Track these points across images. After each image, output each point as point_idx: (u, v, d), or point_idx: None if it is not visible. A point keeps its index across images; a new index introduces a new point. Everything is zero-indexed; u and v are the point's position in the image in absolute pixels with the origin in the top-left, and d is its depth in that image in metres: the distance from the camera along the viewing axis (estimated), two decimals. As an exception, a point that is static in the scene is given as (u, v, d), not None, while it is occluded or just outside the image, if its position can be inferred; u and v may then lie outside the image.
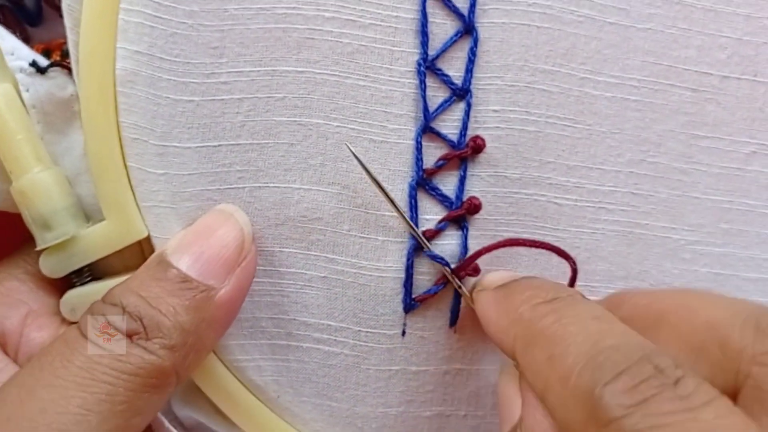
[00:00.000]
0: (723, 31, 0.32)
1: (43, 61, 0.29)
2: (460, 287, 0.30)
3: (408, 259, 0.31)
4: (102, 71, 0.27)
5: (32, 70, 0.29)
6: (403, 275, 0.31)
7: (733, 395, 0.22)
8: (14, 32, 0.34)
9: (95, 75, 0.27)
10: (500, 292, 0.27)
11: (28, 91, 0.28)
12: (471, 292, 0.30)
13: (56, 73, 0.29)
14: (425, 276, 0.31)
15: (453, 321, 0.31)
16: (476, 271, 0.31)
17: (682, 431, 0.19)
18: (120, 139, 0.28)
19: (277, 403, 0.30)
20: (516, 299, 0.26)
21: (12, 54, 0.28)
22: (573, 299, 0.25)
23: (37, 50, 0.33)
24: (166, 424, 0.30)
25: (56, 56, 0.33)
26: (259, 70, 0.29)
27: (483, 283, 0.28)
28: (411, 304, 0.31)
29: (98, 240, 0.28)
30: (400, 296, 0.31)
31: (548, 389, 0.23)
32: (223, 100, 0.29)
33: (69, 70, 0.29)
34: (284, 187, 0.30)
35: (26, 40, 0.34)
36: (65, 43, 0.34)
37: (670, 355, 0.22)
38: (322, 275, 0.30)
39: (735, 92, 0.32)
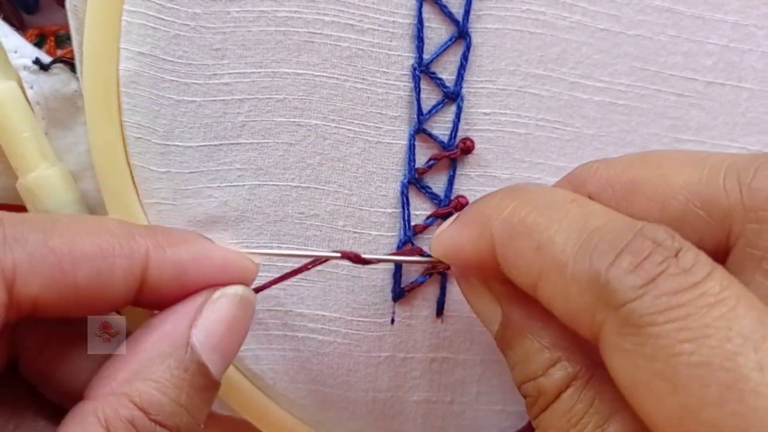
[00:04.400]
0: (710, 38, 0.33)
1: (46, 58, 0.30)
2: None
3: (397, 250, 0.32)
4: (105, 72, 0.28)
5: (35, 67, 0.29)
6: (392, 267, 0.32)
7: (723, 257, 0.22)
8: (10, 20, 0.35)
9: (99, 75, 0.28)
10: (459, 218, 0.26)
11: (32, 88, 0.29)
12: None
13: (59, 69, 0.30)
14: (413, 267, 0.32)
15: (439, 311, 0.33)
16: None
17: (698, 308, 0.19)
18: (123, 137, 0.29)
19: (273, 389, 0.32)
20: (478, 210, 0.25)
21: (15, 52, 0.29)
22: (535, 186, 0.25)
23: (31, 36, 0.34)
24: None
25: (51, 42, 0.34)
26: (259, 72, 0.29)
27: (439, 229, 0.27)
28: (399, 292, 0.32)
29: (103, 236, 0.29)
30: (390, 286, 0.33)
31: (543, 280, 0.22)
32: (224, 100, 0.29)
33: (71, 65, 0.30)
34: (283, 186, 0.31)
35: (22, 27, 0.35)
36: (60, 29, 0.34)
37: (664, 227, 0.21)
38: (318, 269, 0.32)
39: (719, 97, 0.33)
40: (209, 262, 0.26)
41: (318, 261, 0.29)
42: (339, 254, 0.29)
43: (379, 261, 0.30)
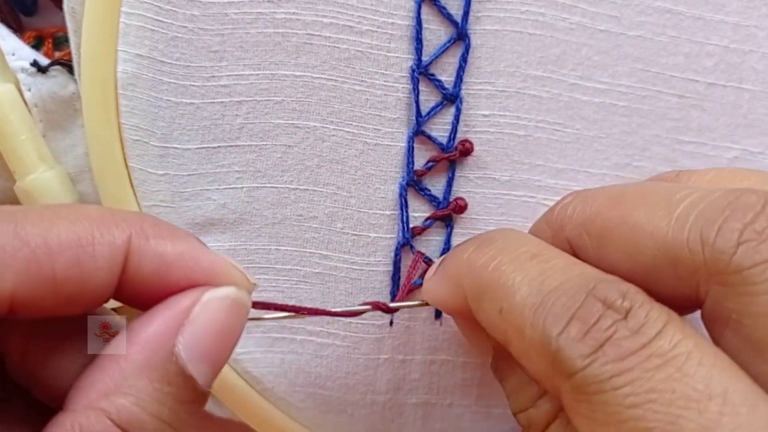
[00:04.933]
0: (711, 39, 0.32)
1: (44, 61, 0.30)
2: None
3: (396, 254, 0.32)
4: (103, 74, 0.28)
5: (33, 69, 0.29)
6: (391, 268, 0.32)
7: (695, 304, 0.22)
8: (8, 22, 0.35)
9: (97, 77, 0.28)
10: (439, 268, 0.27)
11: (30, 90, 0.29)
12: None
13: (57, 71, 0.30)
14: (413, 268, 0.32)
15: (438, 313, 0.33)
16: None
17: (643, 371, 0.19)
18: (121, 140, 0.29)
19: (271, 392, 0.32)
20: (452, 263, 0.26)
21: (13, 54, 0.29)
22: (503, 237, 0.25)
23: (29, 38, 0.34)
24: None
25: (49, 44, 0.34)
26: (258, 74, 0.29)
27: (427, 276, 0.28)
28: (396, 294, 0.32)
29: (101, 238, 0.29)
30: (389, 288, 0.32)
31: (508, 342, 0.23)
32: (222, 102, 0.29)
33: (69, 67, 0.30)
34: (281, 188, 0.31)
35: (20, 29, 0.35)
36: (58, 30, 0.34)
37: (614, 280, 0.21)
38: (316, 271, 0.32)
39: (720, 99, 0.33)
40: (196, 261, 0.23)
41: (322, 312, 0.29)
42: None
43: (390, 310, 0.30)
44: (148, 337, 0.22)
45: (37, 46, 0.34)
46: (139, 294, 0.23)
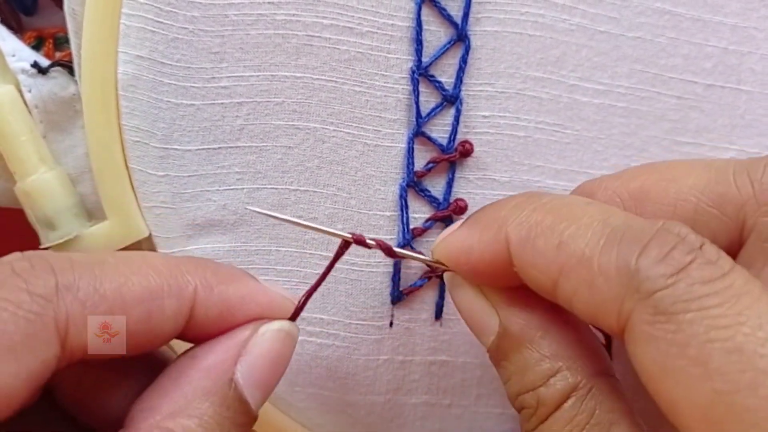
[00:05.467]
0: (709, 41, 0.33)
1: (44, 62, 0.29)
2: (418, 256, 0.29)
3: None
4: (104, 75, 0.28)
5: (34, 70, 0.29)
6: (391, 269, 0.32)
7: (735, 254, 0.22)
8: (8, 21, 0.35)
9: (97, 79, 0.28)
10: (468, 222, 0.26)
11: (30, 91, 0.29)
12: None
13: (57, 73, 0.30)
14: (412, 270, 0.32)
15: (438, 314, 0.33)
16: None
17: (729, 296, 0.19)
18: (122, 141, 0.29)
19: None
20: (491, 212, 0.25)
21: (14, 55, 0.29)
22: (549, 194, 0.25)
23: (29, 38, 0.34)
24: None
25: (49, 44, 0.34)
26: (258, 75, 0.29)
27: (438, 240, 0.27)
28: (398, 295, 0.32)
29: (101, 239, 0.29)
30: (389, 289, 0.32)
31: (566, 274, 0.22)
32: (222, 104, 0.29)
33: (70, 68, 0.30)
34: (282, 189, 0.31)
35: (20, 29, 0.35)
36: (58, 31, 0.34)
37: (681, 223, 0.21)
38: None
39: (718, 100, 0.33)
40: (255, 302, 0.26)
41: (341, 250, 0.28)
42: (373, 242, 0.28)
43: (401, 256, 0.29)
44: (210, 365, 0.24)
45: (37, 46, 0.34)
46: (204, 334, 0.25)
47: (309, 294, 0.27)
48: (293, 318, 0.27)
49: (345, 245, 0.28)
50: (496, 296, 0.26)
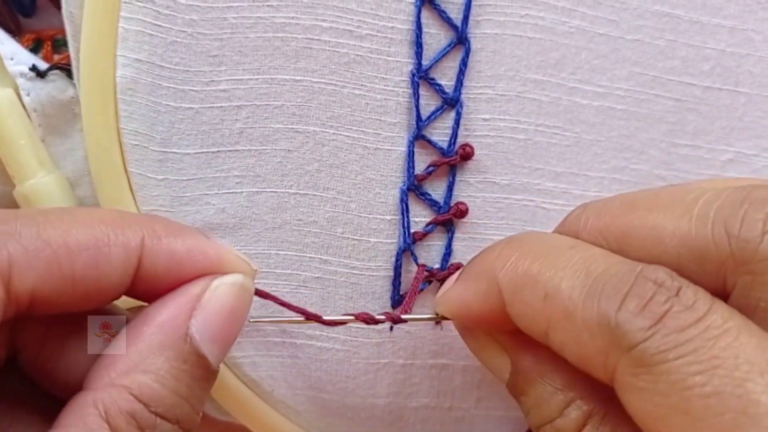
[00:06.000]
0: (708, 43, 0.33)
1: (42, 65, 0.29)
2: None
3: (397, 260, 0.32)
4: (102, 79, 0.28)
5: (32, 74, 0.29)
6: (392, 274, 0.32)
7: (723, 298, 0.22)
8: (6, 23, 0.34)
9: (96, 82, 0.28)
10: (461, 276, 0.27)
11: (29, 95, 0.29)
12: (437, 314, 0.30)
13: (56, 76, 0.29)
14: (412, 274, 0.32)
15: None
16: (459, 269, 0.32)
17: (704, 341, 0.20)
18: (120, 144, 0.29)
19: (271, 396, 0.32)
20: (479, 265, 0.26)
21: (12, 59, 0.29)
22: (533, 235, 0.25)
23: (28, 40, 0.34)
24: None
25: (48, 47, 0.34)
26: (257, 78, 0.29)
27: (438, 295, 0.28)
28: (398, 299, 0.32)
29: (100, 243, 0.29)
30: (389, 293, 0.32)
31: (553, 328, 0.23)
32: (221, 107, 0.29)
33: (68, 71, 0.30)
34: (281, 192, 0.30)
35: (19, 30, 0.35)
36: (56, 33, 0.34)
37: (657, 266, 0.22)
38: (316, 276, 0.32)
39: (716, 102, 0.33)
40: (204, 255, 0.25)
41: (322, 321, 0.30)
42: (352, 317, 0.30)
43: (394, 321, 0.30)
44: (164, 321, 0.24)
45: (35, 48, 0.33)
46: (153, 289, 0.25)
47: (282, 303, 0.28)
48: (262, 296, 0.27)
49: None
50: (504, 337, 0.26)
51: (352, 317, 0.30)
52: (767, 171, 0.34)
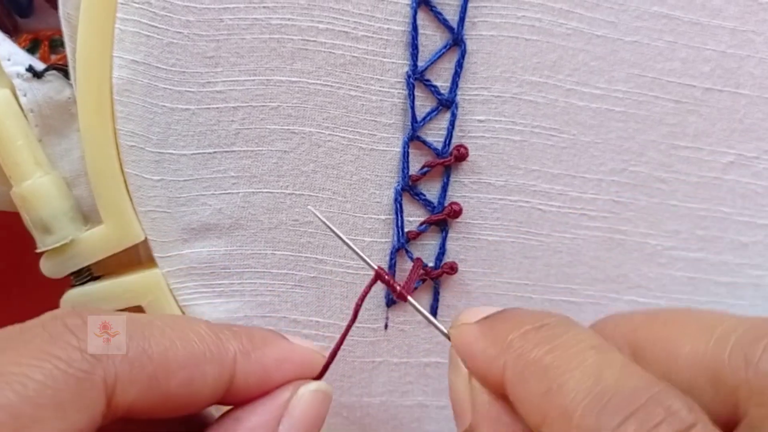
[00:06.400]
0: (708, 44, 0.32)
1: (39, 66, 0.30)
2: (435, 325, 0.28)
3: (391, 258, 0.32)
4: (99, 80, 0.28)
5: (29, 74, 0.29)
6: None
7: (731, 425, 0.22)
8: (3, 23, 0.35)
9: (92, 84, 0.28)
10: (485, 323, 0.25)
11: (25, 95, 0.29)
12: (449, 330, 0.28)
13: (53, 76, 0.30)
14: (406, 274, 0.32)
15: (433, 316, 0.33)
16: (453, 269, 0.32)
17: None
18: (117, 146, 0.29)
19: (267, 395, 0.32)
20: (503, 328, 0.24)
21: (9, 59, 0.29)
22: (563, 324, 0.24)
23: (25, 40, 0.34)
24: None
25: (45, 47, 0.34)
26: (253, 80, 0.29)
27: (462, 318, 0.27)
28: (392, 299, 0.33)
29: (97, 243, 0.29)
30: (384, 292, 0.33)
31: (547, 424, 0.22)
32: (218, 108, 0.29)
33: (65, 72, 0.30)
34: (277, 193, 0.31)
35: (16, 30, 0.35)
36: (54, 33, 0.34)
37: (678, 391, 0.20)
38: (312, 275, 0.32)
39: (716, 104, 0.33)
40: (290, 362, 0.27)
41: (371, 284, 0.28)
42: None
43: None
44: (254, 426, 0.25)
45: (33, 49, 0.34)
46: (243, 397, 0.26)
47: (334, 352, 0.28)
48: (321, 375, 0.28)
49: (373, 280, 0.28)
50: (481, 395, 0.25)
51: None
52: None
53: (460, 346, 0.26)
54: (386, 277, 0.28)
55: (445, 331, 0.26)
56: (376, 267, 0.27)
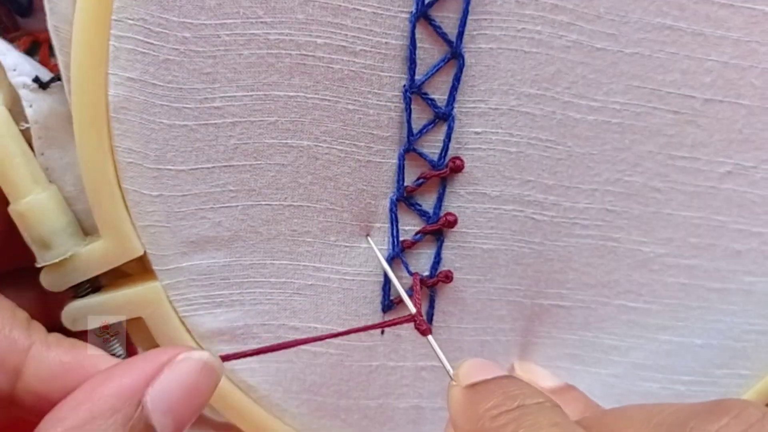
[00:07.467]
0: (710, 55, 0.32)
1: (45, 76, 0.29)
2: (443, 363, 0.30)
3: (387, 265, 0.33)
4: (94, 98, 0.28)
5: (35, 85, 0.29)
6: (382, 279, 0.33)
7: None
8: (3, 23, 0.34)
9: (87, 102, 0.28)
10: (469, 394, 0.26)
11: (31, 106, 0.29)
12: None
13: (58, 87, 0.29)
14: (401, 280, 0.33)
15: (428, 322, 0.34)
16: (448, 278, 0.33)
17: None
18: (114, 162, 0.29)
19: (267, 400, 0.33)
20: (481, 406, 0.25)
21: (14, 70, 0.29)
22: (537, 408, 0.24)
23: (25, 42, 0.34)
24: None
25: (44, 49, 0.34)
26: (251, 95, 0.29)
27: (458, 375, 0.27)
28: (389, 304, 0.33)
29: (96, 258, 0.29)
30: (380, 298, 0.33)
31: None
32: (216, 124, 0.29)
33: (68, 82, 0.30)
34: (276, 205, 0.31)
35: (16, 30, 0.35)
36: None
37: None
38: (310, 283, 0.32)
39: (716, 114, 0.33)
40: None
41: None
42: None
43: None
44: (122, 384, 0.24)
45: (32, 50, 0.33)
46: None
47: (247, 354, 0.28)
48: (229, 358, 0.27)
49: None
50: None
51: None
52: (765, 183, 0.34)
53: (450, 406, 0.27)
54: (418, 321, 0.30)
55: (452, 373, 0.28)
56: (414, 311, 0.30)
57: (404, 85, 0.30)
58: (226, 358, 0.27)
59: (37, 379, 0.25)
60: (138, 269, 0.31)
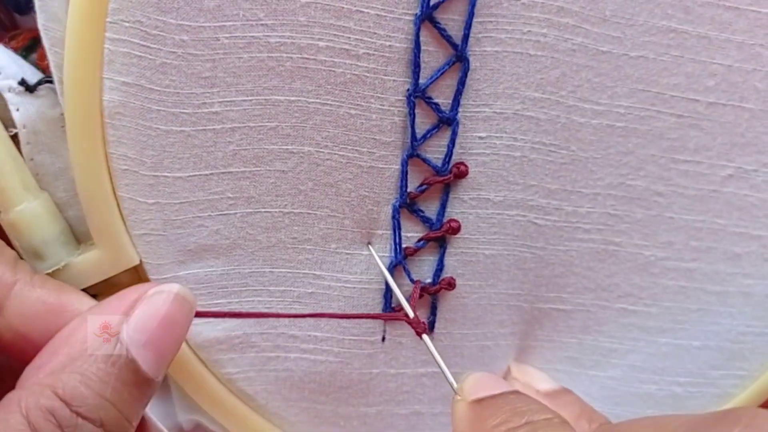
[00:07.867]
0: (715, 59, 0.32)
1: (32, 79, 0.28)
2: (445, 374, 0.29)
3: (389, 272, 0.32)
4: (88, 103, 0.27)
5: (21, 88, 0.28)
6: (383, 287, 0.32)
7: None
8: (2, 20, 0.33)
9: (81, 107, 0.27)
10: (474, 409, 0.26)
11: (18, 110, 0.28)
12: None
13: (45, 90, 0.28)
14: (403, 287, 0.32)
15: (430, 328, 0.33)
16: (451, 285, 0.32)
17: None
18: (109, 169, 0.28)
19: (266, 408, 0.33)
20: (488, 423, 0.25)
21: (0, 73, 0.27)
22: (545, 424, 0.24)
23: (24, 38, 0.32)
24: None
25: (43, 46, 0.32)
26: (251, 100, 0.28)
27: (463, 389, 0.27)
28: (390, 312, 0.33)
29: (90, 268, 0.28)
30: (381, 306, 0.33)
31: None
32: (214, 129, 0.28)
33: (58, 84, 0.29)
34: (275, 212, 0.30)
35: (14, 28, 0.33)
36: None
37: None
38: (310, 291, 0.32)
39: (719, 118, 0.33)
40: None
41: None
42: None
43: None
44: (98, 323, 0.25)
45: (31, 47, 0.32)
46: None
47: (236, 314, 0.28)
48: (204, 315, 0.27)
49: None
50: None
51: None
52: (765, 186, 0.34)
53: (455, 421, 0.27)
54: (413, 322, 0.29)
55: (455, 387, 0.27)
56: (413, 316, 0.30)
57: (408, 89, 0.29)
58: (199, 314, 0.27)
59: (19, 317, 0.25)
60: (133, 279, 0.30)
